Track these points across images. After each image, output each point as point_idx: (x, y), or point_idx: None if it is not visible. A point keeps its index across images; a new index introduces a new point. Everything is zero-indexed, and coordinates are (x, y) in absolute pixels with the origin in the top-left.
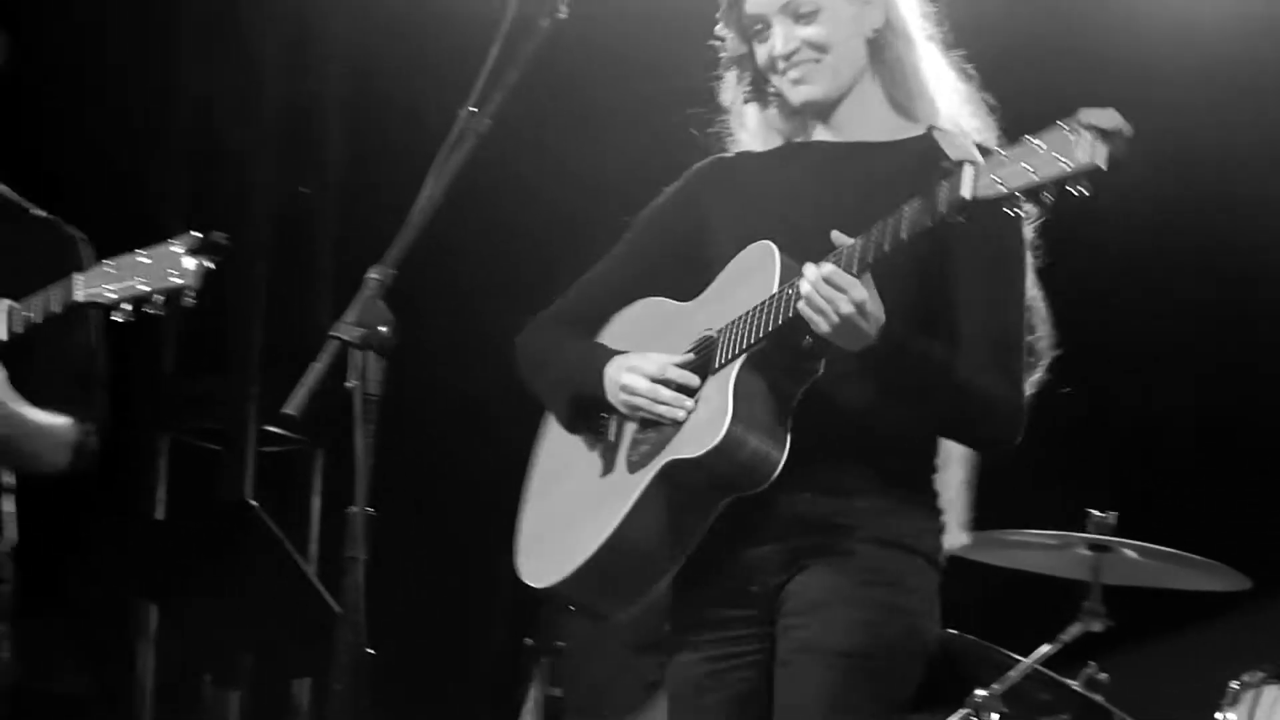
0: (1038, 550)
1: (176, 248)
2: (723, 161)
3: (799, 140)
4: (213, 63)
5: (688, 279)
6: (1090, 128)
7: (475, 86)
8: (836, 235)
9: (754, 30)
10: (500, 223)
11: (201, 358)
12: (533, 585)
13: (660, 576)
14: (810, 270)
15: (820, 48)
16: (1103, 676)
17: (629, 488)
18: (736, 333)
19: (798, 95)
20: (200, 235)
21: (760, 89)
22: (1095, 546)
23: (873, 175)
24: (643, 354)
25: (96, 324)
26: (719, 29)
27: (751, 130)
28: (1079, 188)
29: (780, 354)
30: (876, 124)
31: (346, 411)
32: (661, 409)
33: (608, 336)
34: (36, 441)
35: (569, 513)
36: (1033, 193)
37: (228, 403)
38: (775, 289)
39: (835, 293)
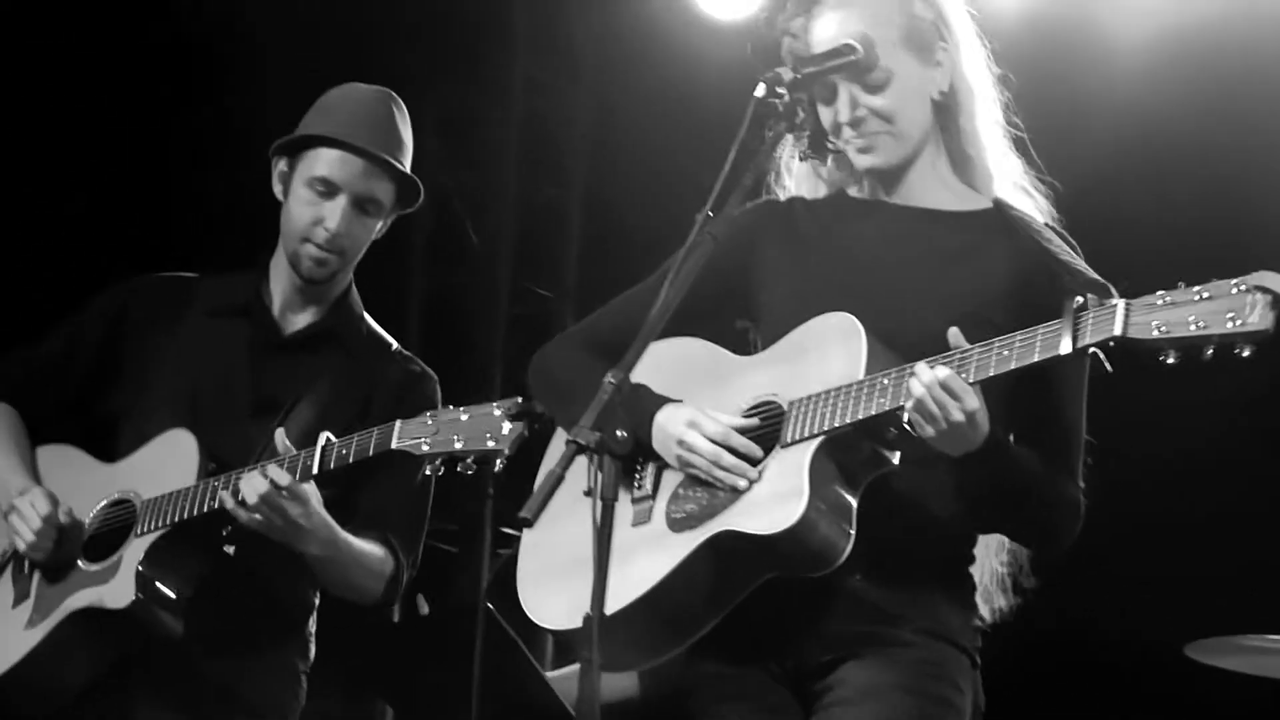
0: None
1: (497, 411)
2: (776, 206)
3: (857, 194)
4: (454, 161)
5: (728, 319)
6: (1266, 291)
7: (711, 191)
8: (954, 334)
9: (819, 92)
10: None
11: None
12: (544, 624)
13: (690, 636)
14: (925, 372)
15: (888, 118)
16: None
17: (672, 546)
18: (815, 411)
19: (863, 162)
20: (521, 400)
21: (819, 146)
22: None
23: (944, 248)
24: (702, 410)
25: (432, 468)
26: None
27: (797, 178)
28: (1244, 349)
29: (861, 443)
30: (940, 189)
31: None
32: (722, 474)
33: (646, 372)
34: (352, 569)
35: (585, 556)
36: (1195, 345)
37: (464, 504)
38: (862, 373)
39: (949, 399)
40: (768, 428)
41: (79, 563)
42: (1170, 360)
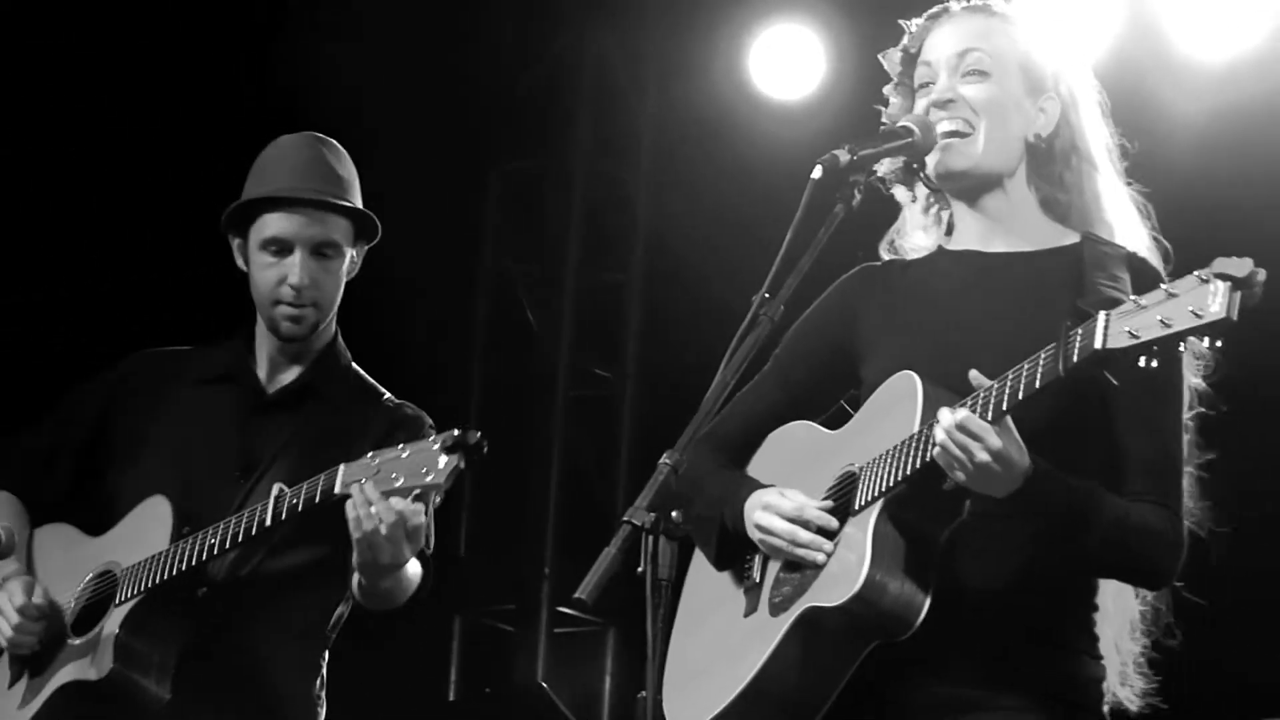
0: None
1: (435, 446)
2: (870, 271)
3: (950, 248)
4: (516, 246)
5: (841, 393)
6: (1224, 277)
7: (769, 272)
8: (974, 376)
9: (921, 85)
10: None
11: (495, 540)
12: None
13: (815, 715)
14: (945, 416)
15: (975, 111)
16: None
17: (770, 631)
18: (876, 473)
19: (937, 163)
20: (458, 433)
21: (910, 170)
22: None
23: (1026, 285)
24: (780, 491)
25: None
26: (888, 89)
27: (913, 241)
28: (1211, 339)
29: (921, 497)
30: (1031, 231)
31: (639, 593)
32: (801, 552)
33: (758, 462)
34: (406, 581)
35: (712, 653)
36: (1165, 344)
37: (520, 584)
38: (916, 426)
39: (970, 440)
40: (844, 498)
41: (68, 639)
42: (1154, 364)
